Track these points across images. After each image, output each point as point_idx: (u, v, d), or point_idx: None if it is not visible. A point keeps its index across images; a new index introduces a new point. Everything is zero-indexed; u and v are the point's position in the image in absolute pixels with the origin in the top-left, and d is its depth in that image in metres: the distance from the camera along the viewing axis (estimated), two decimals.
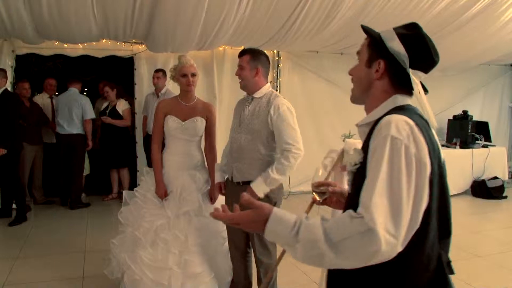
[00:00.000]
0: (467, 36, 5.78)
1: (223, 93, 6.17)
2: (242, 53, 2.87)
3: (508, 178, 7.75)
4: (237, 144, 2.87)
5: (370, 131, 1.26)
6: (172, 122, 3.17)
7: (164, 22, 4.71)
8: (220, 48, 6.11)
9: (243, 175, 2.86)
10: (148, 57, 6.03)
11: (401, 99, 1.30)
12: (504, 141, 8.27)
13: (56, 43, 5.51)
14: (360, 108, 1.43)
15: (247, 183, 2.82)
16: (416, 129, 1.16)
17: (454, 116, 7.43)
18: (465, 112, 7.32)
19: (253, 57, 2.83)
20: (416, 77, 1.29)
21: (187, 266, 2.99)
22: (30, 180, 5.93)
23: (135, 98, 6.16)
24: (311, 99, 6.76)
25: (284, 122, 2.74)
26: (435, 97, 6.99)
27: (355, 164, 1.27)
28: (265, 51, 6.71)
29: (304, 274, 3.85)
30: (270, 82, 6.45)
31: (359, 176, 1.23)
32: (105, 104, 6.21)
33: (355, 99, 1.43)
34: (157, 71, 5.73)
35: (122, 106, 6.14)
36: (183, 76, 3.12)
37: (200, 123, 3.20)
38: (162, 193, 3.12)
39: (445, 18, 5.18)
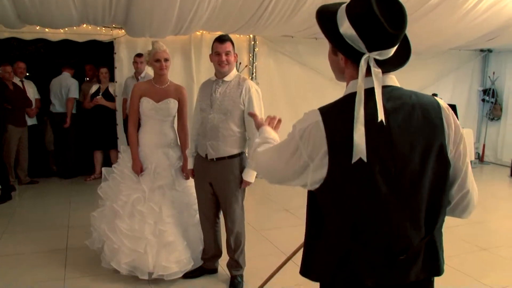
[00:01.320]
0: (434, 22, 6.01)
1: (200, 76, 6.34)
2: (225, 40, 3.05)
3: (475, 158, 8.16)
4: (211, 124, 3.10)
5: None
6: (146, 104, 3.41)
7: (141, 7, 4.85)
8: (198, 33, 6.29)
9: (218, 152, 3.11)
10: (128, 41, 6.19)
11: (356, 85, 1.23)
12: (473, 123, 8.61)
13: (37, 28, 5.64)
14: (336, 92, 1.51)
15: (221, 159, 3.11)
16: (317, 125, 1.25)
17: None
18: (434, 95, 7.57)
19: (232, 43, 3.09)
20: (380, 57, 1.20)
21: (161, 236, 3.27)
22: (15, 161, 6.12)
23: (116, 82, 6.34)
24: (288, 83, 6.99)
25: (253, 102, 3.05)
26: (407, 80, 7.22)
27: None
28: (242, 36, 6.86)
29: (271, 243, 4.16)
30: (246, 66, 6.71)
31: None
32: (95, 87, 6.39)
33: (338, 80, 1.44)
34: (139, 55, 5.88)
35: (113, 89, 6.37)
36: (157, 61, 3.35)
37: (172, 104, 3.44)
38: (138, 169, 3.38)
39: (412, 4, 5.40)
